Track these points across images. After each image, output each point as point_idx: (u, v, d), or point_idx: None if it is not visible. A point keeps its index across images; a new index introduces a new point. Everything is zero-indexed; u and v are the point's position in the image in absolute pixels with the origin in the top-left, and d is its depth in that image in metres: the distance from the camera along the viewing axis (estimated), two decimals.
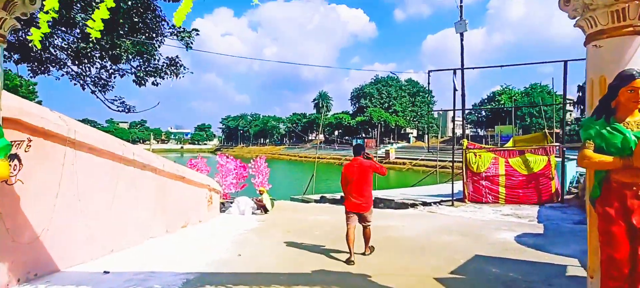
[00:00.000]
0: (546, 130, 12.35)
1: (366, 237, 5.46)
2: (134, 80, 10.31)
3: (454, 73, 11.46)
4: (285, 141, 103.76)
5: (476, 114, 66.43)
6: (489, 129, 59.80)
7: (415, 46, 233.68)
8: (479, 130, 67.97)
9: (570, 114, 60.31)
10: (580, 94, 54.77)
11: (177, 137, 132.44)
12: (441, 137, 78.24)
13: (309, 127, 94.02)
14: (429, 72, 11.46)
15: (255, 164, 12.35)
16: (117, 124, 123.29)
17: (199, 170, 12.11)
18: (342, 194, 6.71)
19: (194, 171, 9.77)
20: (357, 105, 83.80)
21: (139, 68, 10.41)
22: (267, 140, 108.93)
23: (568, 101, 57.46)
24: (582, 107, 55.03)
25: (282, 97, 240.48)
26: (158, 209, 7.31)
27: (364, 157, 5.32)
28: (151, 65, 10.80)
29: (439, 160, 49.64)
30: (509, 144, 13.33)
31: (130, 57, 9.94)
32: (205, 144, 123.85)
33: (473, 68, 11.88)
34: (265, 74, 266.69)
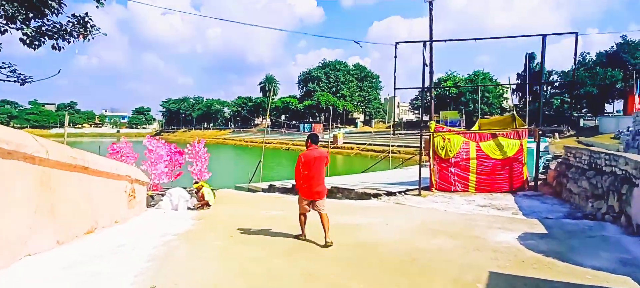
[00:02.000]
0: (514, 113, 11.49)
1: (326, 224, 5.40)
2: (21, 40, 7.57)
3: (424, 45, 10.13)
4: (231, 125, 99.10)
5: (421, 100, 67.73)
6: (435, 115, 61.36)
7: (362, 32, 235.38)
8: (424, 115, 69.65)
9: (506, 101, 63.72)
10: (520, 82, 57.77)
11: (112, 121, 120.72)
12: (388, 122, 79.35)
13: (255, 111, 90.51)
14: (396, 43, 9.99)
15: (193, 149, 10.18)
16: (42, 105, 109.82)
17: (124, 156, 9.66)
18: (293, 183, 7.20)
19: (107, 159, 7.41)
20: (304, 90, 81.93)
21: (25, 23, 7.66)
22: (211, 124, 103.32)
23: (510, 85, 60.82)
24: (520, 94, 58.26)
25: (226, 80, 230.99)
26: (42, 213, 5.03)
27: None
28: (49, 23, 8.11)
29: (389, 146, 50.00)
30: (475, 127, 12.43)
31: (9, 7, 7.20)
32: (144, 128, 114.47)
33: (444, 40, 10.63)
34: (209, 56, 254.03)
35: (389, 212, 8.20)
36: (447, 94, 60.75)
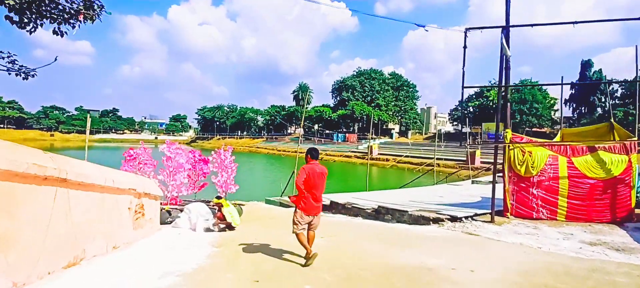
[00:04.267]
0: (612, 121, 9.09)
1: (311, 240, 5.19)
2: (7, 17, 6.30)
3: (503, 31, 8.03)
4: (264, 134, 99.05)
5: (462, 110, 64.10)
6: (475, 126, 57.55)
7: (396, 42, 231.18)
8: (464, 126, 65.83)
9: (554, 113, 58.82)
10: (573, 92, 53.17)
11: (151, 127, 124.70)
12: (425, 133, 75.97)
13: (288, 120, 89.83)
14: (467, 29, 7.98)
15: (218, 158, 8.63)
16: (87, 111, 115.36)
17: (142, 163, 8.25)
18: (333, 199, 8.67)
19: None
20: (338, 98, 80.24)
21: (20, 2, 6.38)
22: (245, 133, 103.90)
23: (555, 99, 55.80)
24: (574, 105, 53.52)
25: (260, 90, 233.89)
26: None
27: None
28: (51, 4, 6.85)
29: (428, 158, 47.04)
30: (557, 138, 10.09)
31: None
32: (180, 135, 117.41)
33: (525, 25, 8.47)
34: (243, 65, 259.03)
35: (463, 248, 6.14)
36: (491, 104, 56.89)
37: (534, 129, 52.48)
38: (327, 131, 77.46)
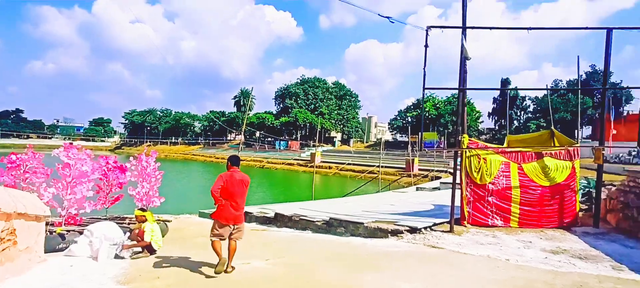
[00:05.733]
0: (553, 128, 9.28)
1: (232, 251, 5.06)
2: None
3: (462, 32, 7.74)
4: (201, 141, 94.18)
5: (401, 120, 66.58)
6: (413, 135, 60.04)
7: (339, 54, 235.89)
8: (404, 136, 68.41)
9: (479, 125, 63.47)
10: (495, 106, 57.69)
11: (65, 132, 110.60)
12: (366, 142, 77.65)
13: (229, 126, 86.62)
14: (428, 28, 7.53)
15: (139, 165, 7.19)
16: None
17: (30, 172, 6.51)
18: (278, 211, 8.94)
19: None
20: (281, 105, 79.14)
21: None
22: (180, 139, 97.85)
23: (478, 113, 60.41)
24: (495, 118, 58.07)
25: (199, 95, 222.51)
26: None
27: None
28: None
29: (370, 165, 47.73)
30: (505, 145, 10.14)
31: None
32: (102, 141, 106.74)
33: (482, 28, 8.31)
34: (181, 68, 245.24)
35: (433, 266, 5.51)
36: (427, 115, 59.73)
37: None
38: (269, 138, 75.79)
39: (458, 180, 8.25)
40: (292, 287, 4.57)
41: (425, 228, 7.90)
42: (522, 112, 59.83)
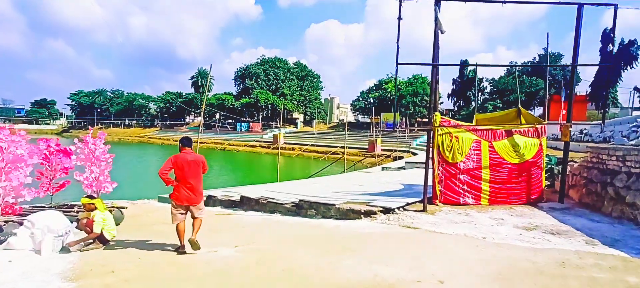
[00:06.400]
0: (520, 106, 9.36)
1: (196, 227, 5.06)
2: None
3: (436, 3, 7.41)
4: (157, 123, 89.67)
5: (364, 101, 67.04)
6: (376, 116, 60.75)
7: (299, 34, 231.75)
8: (366, 116, 69.01)
9: (440, 105, 65.43)
10: (455, 87, 59.47)
11: (4, 114, 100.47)
12: (329, 123, 77.69)
13: (186, 108, 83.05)
14: None
15: (85, 148, 6.36)
16: None
17: None
18: (244, 194, 8.84)
19: None
20: (241, 86, 76.85)
21: None
22: (134, 121, 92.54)
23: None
24: (454, 99, 59.96)
25: (153, 75, 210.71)
26: None
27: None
28: None
29: (333, 146, 47.76)
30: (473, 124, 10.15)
31: None
32: (47, 124, 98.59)
33: (455, 0, 8.03)
34: (132, 47, 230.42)
35: (411, 247, 5.27)
36: (389, 96, 60.52)
37: (424, 119, 57.46)
38: (229, 120, 73.65)
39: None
40: (265, 277, 4.13)
41: (398, 208, 7.70)
42: (480, 93, 62.28)
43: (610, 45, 7.29)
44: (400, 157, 33.47)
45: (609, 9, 7.57)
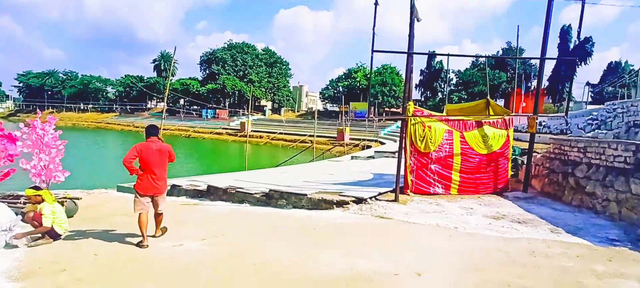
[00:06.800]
0: (489, 98, 9.55)
1: (159, 221, 5.12)
2: None
3: None
4: (117, 108, 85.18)
5: (333, 90, 67.00)
6: (344, 105, 60.99)
7: (268, 19, 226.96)
8: (334, 105, 68.98)
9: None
10: (422, 78, 60.67)
11: None
12: (297, 111, 77.11)
13: (148, 93, 79.40)
14: None
15: (33, 133, 5.78)
16: None
17: None
18: (211, 183, 8.60)
19: None
20: (207, 72, 74.35)
21: None
22: (90, 106, 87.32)
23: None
24: (422, 89, 61.25)
25: (111, 58, 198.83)
26: None
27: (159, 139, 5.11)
28: None
29: (301, 135, 47.52)
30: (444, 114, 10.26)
31: None
32: None
33: None
34: (87, 26, 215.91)
35: (386, 239, 5.21)
36: (358, 85, 60.82)
37: (392, 109, 58.38)
38: (195, 106, 71.29)
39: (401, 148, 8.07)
40: (237, 272, 3.89)
41: (370, 198, 7.64)
42: (445, 85, 63.98)
43: (575, 39, 7.53)
44: (369, 146, 33.83)
45: (567, 6, 7.82)
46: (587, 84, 40.66)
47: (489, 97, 10.08)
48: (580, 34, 7.61)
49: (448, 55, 7.62)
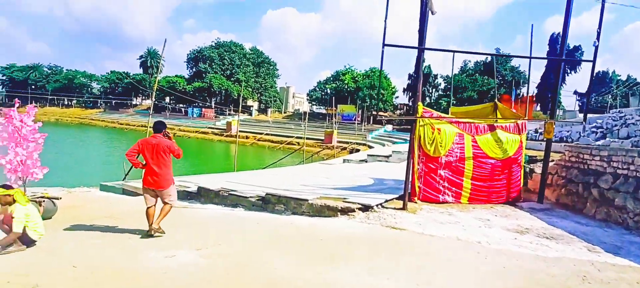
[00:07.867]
0: (497, 101, 9.04)
1: (164, 212, 5.07)
2: None
3: None
4: (101, 104, 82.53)
5: (320, 92, 66.32)
6: (331, 108, 60.44)
7: (256, 19, 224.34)
8: (321, 107, 68.27)
9: (395, 99, 66.45)
10: (410, 82, 60.58)
11: None
12: (284, 112, 76.15)
13: (134, 89, 77.12)
14: None
15: (8, 124, 4.98)
16: None
17: None
18: (202, 185, 8.42)
19: None
20: (194, 70, 72.76)
21: None
22: (74, 101, 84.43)
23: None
24: (410, 94, 61.15)
25: (97, 53, 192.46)
26: None
27: (165, 135, 5.26)
28: None
29: (288, 136, 46.68)
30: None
31: None
32: None
33: None
34: (73, 21, 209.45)
35: (403, 254, 4.55)
36: (346, 88, 60.32)
37: (380, 113, 58.03)
38: (180, 105, 69.64)
39: (402, 151, 7.42)
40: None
41: (377, 205, 6.97)
42: (434, 90, 64.02)
43: (596, 41, 7.05)
44: (357, 150, 33.29)
45: (551, 17, 7.35)
46: (575, 92, 41.13)
47: (497, 100, 9.58)
48: (600, 35, 7.13)
49: (453, 51, 7.18)
